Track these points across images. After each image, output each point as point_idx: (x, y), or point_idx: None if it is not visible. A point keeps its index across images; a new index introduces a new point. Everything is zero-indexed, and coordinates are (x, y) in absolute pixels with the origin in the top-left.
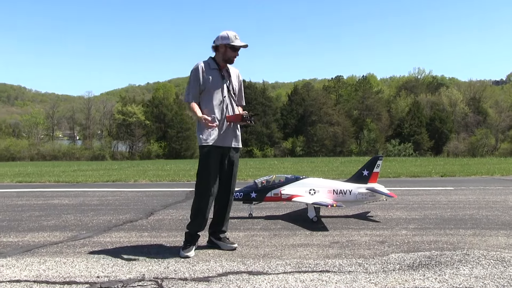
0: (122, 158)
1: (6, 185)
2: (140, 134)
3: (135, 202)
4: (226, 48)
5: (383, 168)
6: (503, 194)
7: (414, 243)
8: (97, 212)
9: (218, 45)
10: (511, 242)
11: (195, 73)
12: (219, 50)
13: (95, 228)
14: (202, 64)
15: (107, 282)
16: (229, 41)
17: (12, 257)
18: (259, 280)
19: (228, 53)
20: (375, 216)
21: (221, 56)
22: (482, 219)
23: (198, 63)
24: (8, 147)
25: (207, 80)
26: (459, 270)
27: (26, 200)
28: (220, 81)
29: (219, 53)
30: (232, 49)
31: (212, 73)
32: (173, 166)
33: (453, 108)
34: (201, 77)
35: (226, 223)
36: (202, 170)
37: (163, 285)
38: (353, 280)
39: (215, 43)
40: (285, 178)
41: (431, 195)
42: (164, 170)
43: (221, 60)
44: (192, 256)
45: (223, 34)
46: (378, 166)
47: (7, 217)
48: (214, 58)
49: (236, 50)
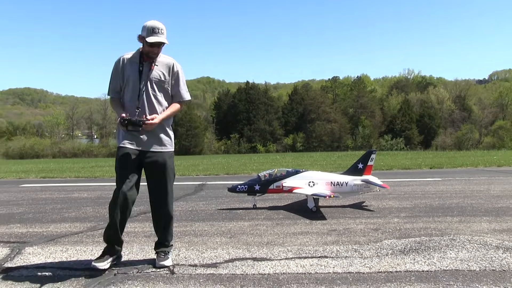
0: None
1: (31, 180)
2: None
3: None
4: (143, 41)
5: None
6: (486, 184)
7: (405, 230)
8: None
9: (138, 37)
10: (493, 228)
11: (116, 65)
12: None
13: None
14: (126, 57)
15: (124, 268)
16: (143, 34)
17: (37, 246)
18: (262, 266)
19: (144, 48)
20: (370, 205)
21: (143, 49)
22: (467, 207)
23: (123, 55)
24: (33, 146)
25: (125, 74)
26: (446, 254)
27: (49, 194)
28: (137, 77)
29: (143, 46)
30: (147, 43)
31: (131, 67)
32: (183, 162)
33: (440, 106)
34: (120, 71)
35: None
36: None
37: (174, 271)
38: (349, 265)
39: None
40: (286, 171)
41: (420, 185)
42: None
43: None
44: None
45: (143, 24)
46: (372, 160)
47: (33, 210)
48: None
49: (153, 46)
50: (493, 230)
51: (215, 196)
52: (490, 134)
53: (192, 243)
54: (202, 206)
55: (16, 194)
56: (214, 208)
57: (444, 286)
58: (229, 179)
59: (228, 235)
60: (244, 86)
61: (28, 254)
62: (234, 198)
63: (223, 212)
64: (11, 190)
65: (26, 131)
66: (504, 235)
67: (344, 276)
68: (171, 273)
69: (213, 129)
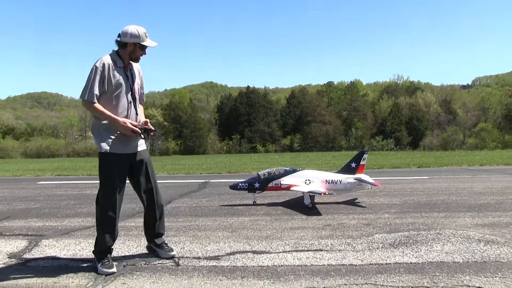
0: None
1: (47, 178)
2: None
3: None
4: (135, 47)
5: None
6: (470, 182)
7: (395, 225)
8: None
9: (127, 43)
10: (475, 222)
11: (100, 70)
12: (126, 47)
13: (122, 215)
14: (108, 61)
15: (132, 260)
16: (140, 40)
17: (53, 239)
18: (262, 258)
19: (136, 52)
20: (362, 202)
21: (127, 54)
22: (452, 203)
23: (103, 59)
24: (49, 146)
25: (111, 80)
26: (432, 247)
27: (63, 191)
28: (126, 83)
29: (125, 50)
30: (141, 48)
31: (117, 73)
32: (187, 161)
33: (427, 109)
34: (107, 76)
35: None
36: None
37: (179, 263)
38: (343, 257)
39: (122, 39)
40: (284, 170)
41: (409, 183)
42: (180, 165)
43: (127, 58)
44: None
45: (132, 31)
46: (364, 159)
47: (48, 205)
48: (119, 55)
49: (145, 48)
50: (476, 224)
51: (217, 193)
52: (473, 135)
53: (196, 237)
54: (205, 202)
55: (33, 191)
56: (216, 205)
57: (431, 277)
58: (230, 177)
59: (230, 230)
60: (245, 90)
61: (44, 246)
62: (235, 195)
63: (225, 208)
64: (29, 186)
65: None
66: (485, 229)
67: (338, 268)
68: (176, 265)
69: (216, 131)
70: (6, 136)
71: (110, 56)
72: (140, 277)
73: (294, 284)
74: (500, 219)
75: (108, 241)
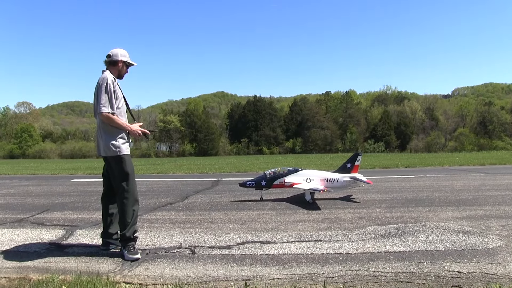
0: (163, 156)
1: (79, 176)
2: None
3: (173, 189)
4: (124, 65)
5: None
6: (450, 180)
7: (386, 218)
8: (145, 196)
9: (118, 61)
10: (455, 216)
11: (111, 85)
12: (117, 65)
13: (144, 209)
14: (112, 78)
15: (154, 249)
16: (128, 59)
17: (85, 229)
18: (268, 248)
19: (123, 70)
20: (356, 198)
21: (117, 72)
22: (435, 199)
23: (109, 76)
24: (81, 148)
25: (117, 94)
26: (418, 238)
27: (94, 187)
28: (123, 95)
29: (114, 68)
30: (127, 66)
31: (119, 87)
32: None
33: (413, 116)
34: (114, 90)
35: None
36: (132, 176)
37: (195, 251)
38: (340, 247)
39: (114, 58)
40: (288, 170)
41: (398, 181)
42: (195, 165)
43: (117, 75)
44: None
45: (122, 51)
46: (359, 160)
47: (81, 200)
48: (111, 72)
49: (129, 67)
50: (456, 217)
51: (228, 190)
52: (453, 139)
53: (209, 229)
54: (217, 198)
55: (68, 187)
56: (227, 200)
57: (417, 263)
58: (240, 176)
59: (239, 222)
60: (252, 99)
61: (78, 235)
62: (244, 192)
63: (235, 203)
64: (65, 183)
65: (76, 136)
66: (464, 221)
67: (335, 256)
68: (192, 253)
69: (227, 135)
70: (45, 139)
71: (109, 74)
72: (161, 263)
73: (297, 270)
74: (476, 212)
75: (136, 231)
